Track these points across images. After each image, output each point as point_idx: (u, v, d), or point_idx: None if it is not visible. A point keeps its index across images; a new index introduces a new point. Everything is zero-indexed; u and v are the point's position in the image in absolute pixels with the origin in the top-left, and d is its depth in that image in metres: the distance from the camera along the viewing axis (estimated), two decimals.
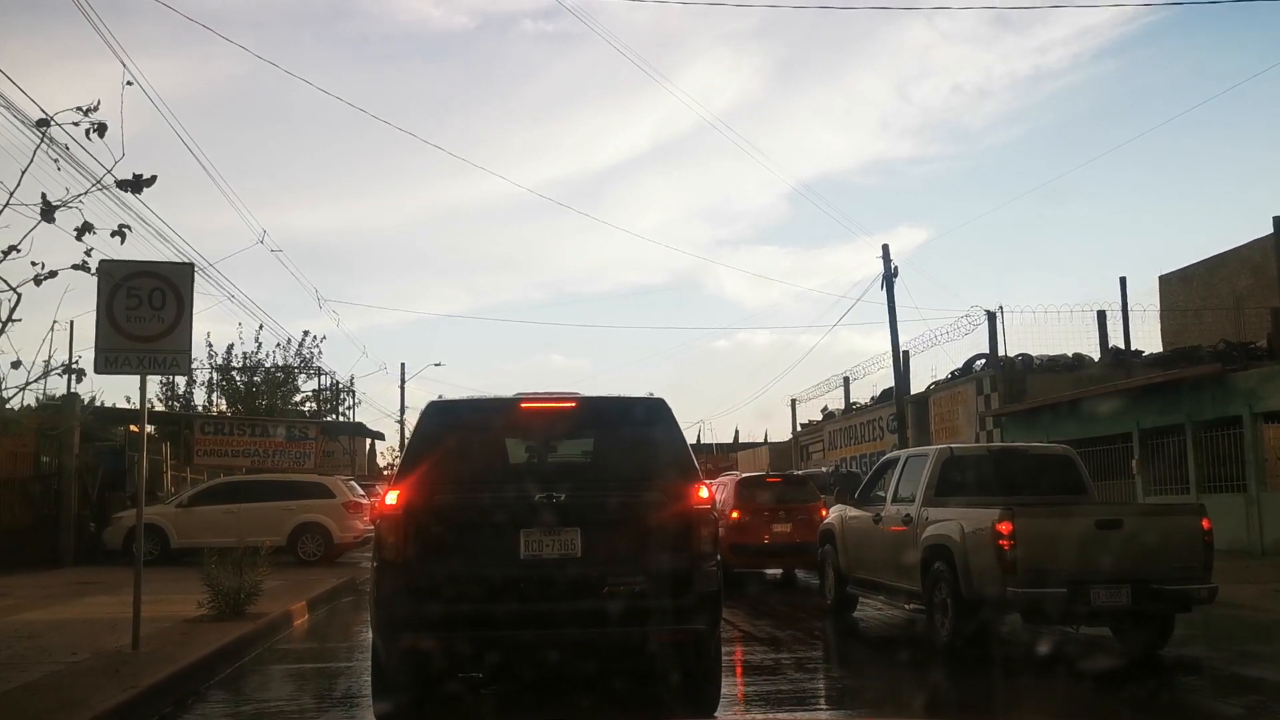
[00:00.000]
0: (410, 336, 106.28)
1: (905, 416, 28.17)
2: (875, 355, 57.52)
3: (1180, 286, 29.77)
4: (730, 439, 60.36)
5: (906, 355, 29.12)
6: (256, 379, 35.91)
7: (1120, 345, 25.31)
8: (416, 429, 6.49)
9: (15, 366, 7.10)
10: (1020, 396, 24.08)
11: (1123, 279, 26.21)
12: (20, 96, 18.56)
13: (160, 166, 6.91)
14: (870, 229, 72.26)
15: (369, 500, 19.25)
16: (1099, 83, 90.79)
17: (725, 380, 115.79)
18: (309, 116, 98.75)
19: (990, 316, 25.57)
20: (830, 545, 11.53)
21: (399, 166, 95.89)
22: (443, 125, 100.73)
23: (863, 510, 10.87)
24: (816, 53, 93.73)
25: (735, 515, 15.00)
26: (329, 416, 39.44)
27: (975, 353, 27.22)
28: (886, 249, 26.86)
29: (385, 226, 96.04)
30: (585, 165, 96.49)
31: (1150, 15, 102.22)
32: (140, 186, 6.93)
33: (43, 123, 6.87)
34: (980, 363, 26.61)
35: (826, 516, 12.51)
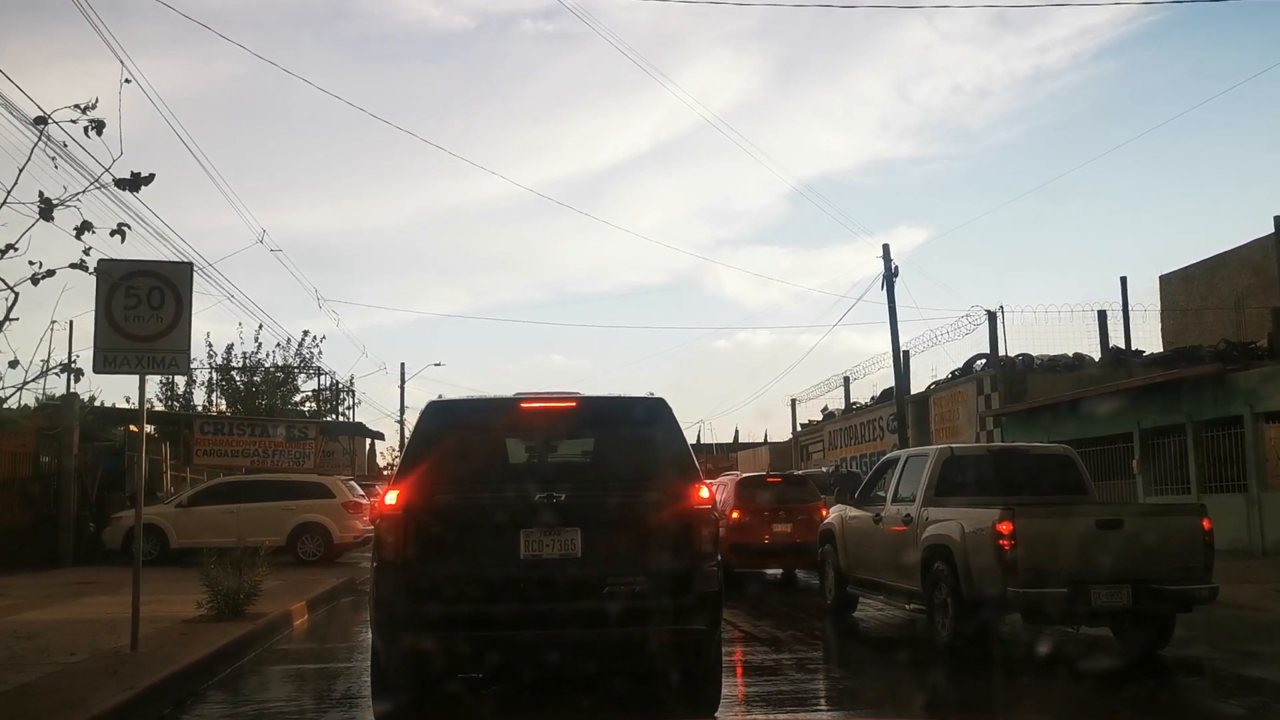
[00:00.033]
0: (410, 336, 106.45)
1: (905, 416, 28.15)
2: (875, 355, 57.52)
3: (1181, 286, 29.77)
4: (730, 439, 60.51)
5: (907, 355, 29.11)
6: (256, 379, 35.91)
7: (1121, 345, 25.32)
8: (416, 429, 6.47)
9: (13, 366, 7.04)
10: (1020, 396, 24.07)
11: (1123, 279, 26.31)
12: (18, 95, 18.50)
13: (159, 166, 6.88)
14: (870, 229, 72.30)
15: (369, 500, 19.25)
16: (1099, 83, 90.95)
17: (725, 380, 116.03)
18: (309, 116, 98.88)
19: (990, 316, 25.57)
20: (830, 545, 11.52)
21: (399, 166, 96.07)
22: (443, 125, 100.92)
23: (863, 510, 10.86)
24: (816, 53, 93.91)
25: (735, 515, 15.00)
26: (329, 416, 39.45)
27: (975, 353, 27.28)
28: (887, 249, 26.84)
29: (385, 226, 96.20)
30: (585, 165, 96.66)
31: (1150, 15, 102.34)
32: (138, 185, 6.90)
33: (40, 120, 6.84)
34: (980, 363, 26.60)
35: (827, 516, 12.49)
